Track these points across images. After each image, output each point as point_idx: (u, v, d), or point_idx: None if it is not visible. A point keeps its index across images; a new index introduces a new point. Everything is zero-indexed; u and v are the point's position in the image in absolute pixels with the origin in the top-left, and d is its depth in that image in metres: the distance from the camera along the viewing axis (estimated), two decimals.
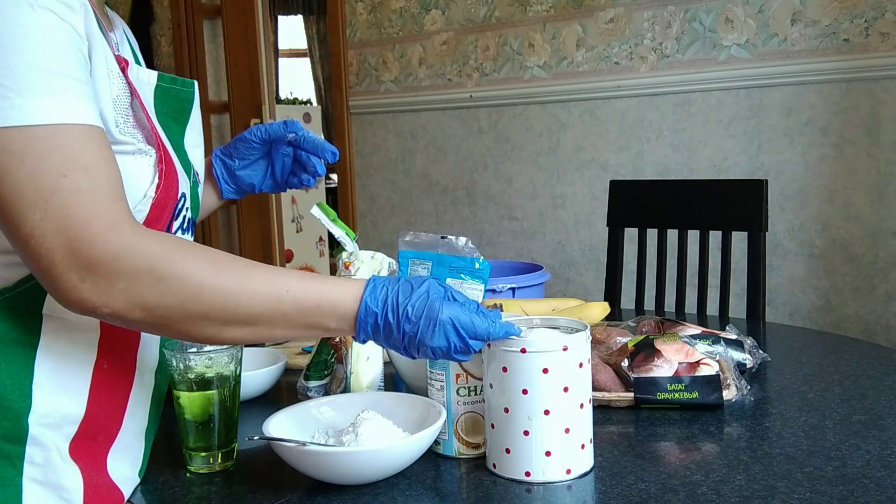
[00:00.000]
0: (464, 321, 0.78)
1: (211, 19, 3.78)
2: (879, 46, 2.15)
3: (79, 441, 0.77)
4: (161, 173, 0.79)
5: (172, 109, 0.87)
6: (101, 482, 0.79)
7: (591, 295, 2.66)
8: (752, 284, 1.71)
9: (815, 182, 2.28)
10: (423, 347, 0.78)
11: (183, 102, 0.89)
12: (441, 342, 0.77)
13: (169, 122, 0.86)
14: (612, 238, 1.95)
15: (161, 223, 0.81)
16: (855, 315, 2.26)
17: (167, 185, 0.80)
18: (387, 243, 3.14)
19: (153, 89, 0.83)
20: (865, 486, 0.79)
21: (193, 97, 0.91)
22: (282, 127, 1.06)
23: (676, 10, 2.45)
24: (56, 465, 0.75)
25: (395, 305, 0.77)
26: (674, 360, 1.05)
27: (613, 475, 0.84)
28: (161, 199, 0.79)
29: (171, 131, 0.86)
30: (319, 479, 0.83)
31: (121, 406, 0.82)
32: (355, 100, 3.22)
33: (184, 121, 0.90)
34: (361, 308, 0.77)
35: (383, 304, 0.77)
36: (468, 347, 0.79)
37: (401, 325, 0.77)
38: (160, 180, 0.79)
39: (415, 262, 1.42)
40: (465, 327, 0.78)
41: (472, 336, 0.78)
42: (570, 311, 1.37)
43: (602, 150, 2.64)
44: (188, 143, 0.91)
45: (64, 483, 0.75)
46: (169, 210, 0.81)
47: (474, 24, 2.87)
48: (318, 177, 1.09)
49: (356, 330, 0.77)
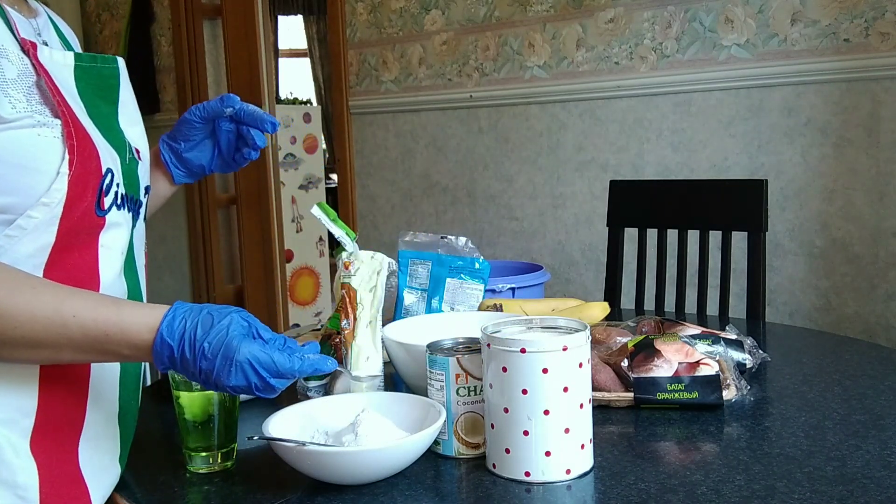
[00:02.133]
0: (263, 360, 0.75)
1: (211, 19, 3.78)
2: (879, 46, 2.15)
3: (40, 434, 0.77)
4: (71, 147, 0.77)
5: (97, 87, 0.86)
6: (64, 476, 0.79)
7: (591, 295, 2.65)
8: (752, 284, 1.71)
9: (814, 182, 2.28)
10: (221, 385, 0.75)
11: (107, 79, 0.89)
12: (239, 381, 0.75)
13: (96, 101, 0.85)
14: (612, 238, 1.95)
15: (86, 200, 0.79)
16: (855, 315, 2.26)
17: (82, 160, 0.78)
18: (387, 243, 3.14)
19: (72, 70, 0.83)
20: (865, 486, 0.79)
21: (118, 73, 0.90)
22: (218, 103, 1.03)
23: (676, 10, 2.45)
24: (9, 462, 0.75)
25: (193, 341, 0.74)
26: (674, 360, 1.05)
27: (613, 475, 0.84)
28: (78, 175, 0.77)
29: (99, 110, 0.85)
30: (319, 479, 0.83)
31: (81, 394, 0.82)
32: (355, 100, 3.22)
33: (113, 98, 0.89)
34: (157, 340, 0.74)
35: (180, 339, 0.74)
36: (270, 386, 0.76)
37: (197, 362, 0.74)
38: (72, 155, 0.77)
39: (415, 262, 1.42)
40: (265, 366, 0.75)
41: (274, 375, 0.76)
42: (570, 311, 1.37)
43: (602, 150, 2.64)
44: (123, 121, 0.90)
45: (18, 480, 0.75)
46: (92, 186, 0.79)
47: (474, 24, 2.87)
48: (260, 148, 1.06)
49: (154, 360, 0.75)
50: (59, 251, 0.78)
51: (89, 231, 0.81)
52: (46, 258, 0.78)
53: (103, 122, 0.85)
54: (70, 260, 0.80)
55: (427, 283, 1.40)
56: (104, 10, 4.10)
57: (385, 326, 1.14)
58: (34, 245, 0.77)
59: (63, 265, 0.79)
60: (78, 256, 0.81)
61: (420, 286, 1.40)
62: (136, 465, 0.93)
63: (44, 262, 0.78)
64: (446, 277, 1.38)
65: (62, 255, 0.79)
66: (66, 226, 0.77)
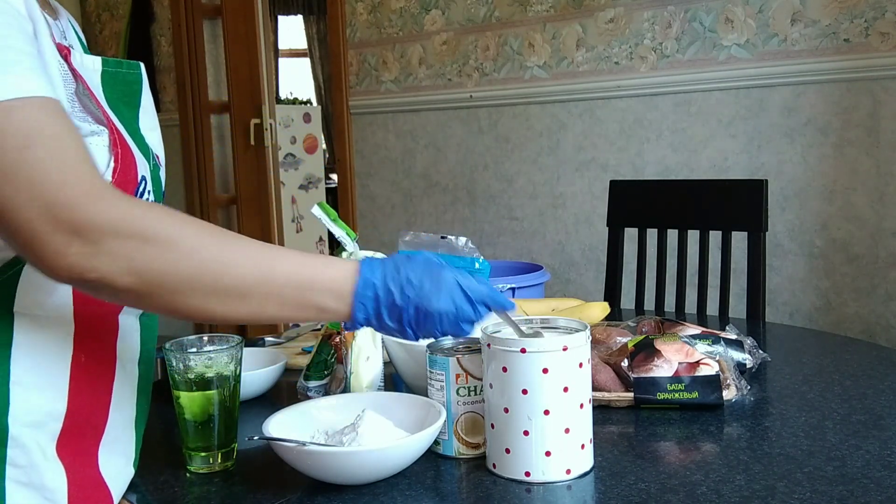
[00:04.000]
0: (467, 282, 0.77)
1: (211, 19, 3.78)
2: (879, 46, 2.15)
3: (66, 438, 0.77)
4: (116, 156, 0.78)
5: (122, 94, 0.87)
6: (88, 480, 0.79)
7: (591, 295, 2.65)
8: (752, 284, 1.71)
9: (815, 182, 2.28)
10: (429, 315, 0.76)
11: (131, 85, 0.89)
12: (448, 305, 0.76)
13: (120, 107, 0.85)
14: (612, 238, 1.95)
15: None
16: (855, 315, 2.26)
17: (124, 168, 0.78)
18: (387, 243, 3.14)
19: (100, 75, 0.83)
20: (865, 486, 0.79)
21: (141, 79, 0.90)
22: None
23: (676, 10, 2.45)
24: (39, 466, 0.74)
25: (396, 273, 0.76)
26: (674, 360, 1.05)
27: (613, 475, 0.84)
28: (120, 183, 0.77)
29: (123, 116, 0.85)
30: (319, 479, 0.83)
31: (105, 399, 0.82)
32: (355, 100, 3.22)
33: (135, 104, 0.90)
34: (360, 281, 0.75)
35: (382, 275, 0.76)
36: (474, 311, 0.78)
37: (404, 291, 0.75)
38: (116, 164, 0.77)
39: None
40: (469, 288, 0.77)
41: (478, 299, 0.77)
42: (570, 311, 1.37)
43: (602, 150, 2.64)
44: (143, 127, 0.90)
45: (47, 483, 0.75)
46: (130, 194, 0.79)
47: (474, 24, 2.87)
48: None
49: (353, 307, 0.75)
50: None
51: None
52: None
53: (129, 128, 0.85)
54: None
55: None
56: (104, 10, 4.10)
57: None
58: None
59: None
60: None
61: None
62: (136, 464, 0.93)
63: None
64: None
65: None
66: None
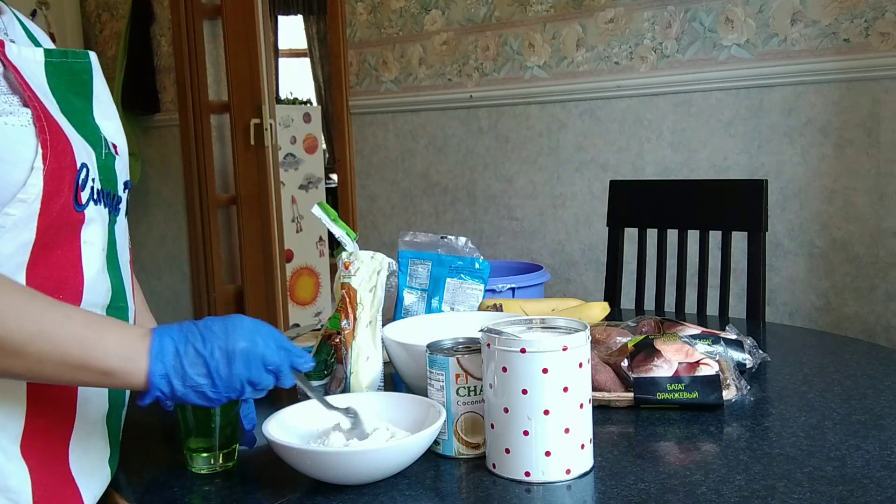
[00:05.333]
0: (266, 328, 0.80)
1: (211, 19, 3.78)
2: (879, 46, 2.15)
3: (30, 438, 0.77)
4: (45, 142, 0.76)
5: (70, 84, 0.85)
6: (56, 479, 0.79)
7: (591, 295, 2.65)
8: (752, 284, 1.71)
9: (815, 182, 2.28)
10: (234, 357, 0.78)
11: (80, 75, 0.87)
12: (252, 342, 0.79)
13: (69, 97, 0.85)
14: (612, 238, 1.95)
15: (63, 195, 0.78)
16: (855, 315, 2.26)
17: (56, 155, 0.77)
18: (387, 243, 3.14)
19: (43, 66, 0.82)
20: (865, 486, 0.79)
21: (90, 68, 0.89)
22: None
23: (676, 10, 2.45)
24: (2, 467, 0.75)
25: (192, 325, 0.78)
26: (674, 360, 1.05)
27: (613, 475, 0.84)
28: (53, 170, 0.76)
29: (73, 106, 0.84)
30: (319, 479, 0.83)
31: (69, 395, 0.81)
32: (355, 100, 3.22)
33: (86, 94, 0.88)
34: (154, 337, 0.76)
35: (178, 327, 0.77)
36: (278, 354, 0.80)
37: (204, 337, 0.77)
38: (45, 150, 0.76)
39: (415, 262, 1.42)
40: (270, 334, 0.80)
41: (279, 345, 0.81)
42: (570, 311, 1.37)
43: (602, 150, 2.64)
44: (98, 116, 0.89)
45: (11, 484, 0.75)
46: (68, 181, 0.78)
47: (474, 24, 2.87)
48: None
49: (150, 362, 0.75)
50: (40, 248, 0.77)
51: (70, 227, 0.80)
52: (28, 256, 0.77)
53: (77, 118, 0.84)
54: (52, 258, 0.79)
55: (427, 284, 1.40)
56: (104, 10, 4.10)
57: (385, 326, 1.14)
58: (14, 243, 0.75)
59: (46, 263, 0.78)
60: (60, 254, 0.80)
61: (420, 286, 1.40)
62: (137, 465, 0.93)
63: (26, 260, 0.77)
64: (446, 277, 1.38)
65: (44, 252, 0.78)
66: (45, 222, 0.76)
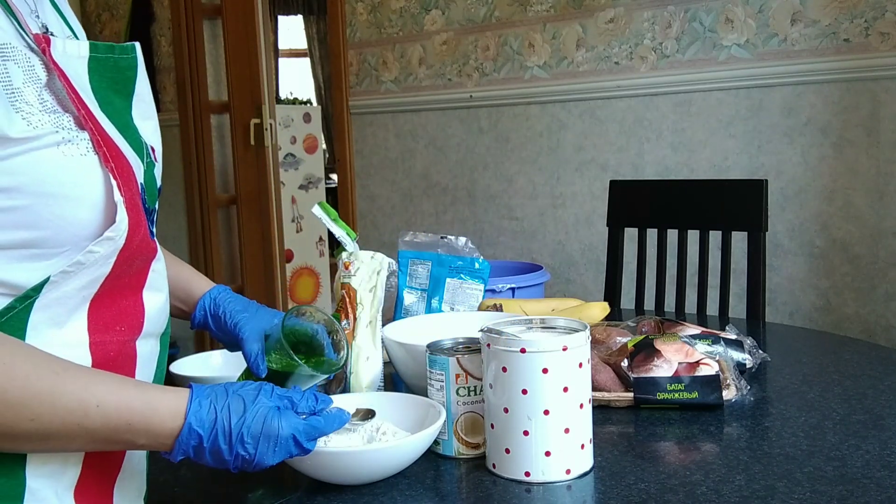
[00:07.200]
0: (306, 429, 0.74)
1: (211, 19, 3.78)
2: (879, 46, 2.15)
3: (84, 484, 0.73)
4: (114, 171, 0.68)
5: (113, 82, 0.76)
6: None
7: (591, 295, 2.65)
8: (752, 284, 1.71)
9: (815, 182, 2.28)
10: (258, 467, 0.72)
11: (124, 72, 0.77)
12: (281, 457, 0.73)
13: (111, 97, 0.75)
14: (612, 238, 1.95)
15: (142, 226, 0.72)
16: (855, 315, 2.26)
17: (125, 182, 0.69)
18: (387, 243, 3.14)
19: (86, 62, 0.72)
20: (865, 486, 0.79)
21: (136, 64, 0.79)
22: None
23: (676, 10, 2.44)
24: None
25: (227, 429, 0.70)
26: (674, 360, 1.05)
27: (613, 475, 0.84)
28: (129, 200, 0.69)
29: (114, 107, 0.75)
30: (319, 479, 0.83)
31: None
32: (355, 100, 3.22)
33: (128, 92, 0.78)
34: (184, 429, 0.69)
35: (211, 428, 0.70)
36: (306, 451, 0.75)
37: (234, 449, 0.70)
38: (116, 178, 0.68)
39: (415, 262, 1.42)
40: (307, 433, 0.74)
41: (312, 438, 0.75)
42: (570, 311, 1.37)
43: (602, 150, 2.64)
44: (137, 116, 0.79)
45: None
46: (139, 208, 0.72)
47: (474, 24, 2.87)
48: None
49: (174, 450, 0.70)
50: (111, 280, 0.72)
51: (143, 258, 0.76)
52: (97, 289, 0.71)
53: (118, 120, 0.75)
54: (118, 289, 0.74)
55: (427, 283, 1.40)
56: (104, 10, 4.10)
57: (385, 326, 1.14)
58: (88, 279, 0.70)
59: (111, 294, 0.73)
60: (125, 283, 0.74)
61: (420, 286, 1.40)
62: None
63: (93, 293, 0.71)
64: (446, 277, 1.38)
65: (113, 282, 0.72)
66: (123, 256, 0.71)
